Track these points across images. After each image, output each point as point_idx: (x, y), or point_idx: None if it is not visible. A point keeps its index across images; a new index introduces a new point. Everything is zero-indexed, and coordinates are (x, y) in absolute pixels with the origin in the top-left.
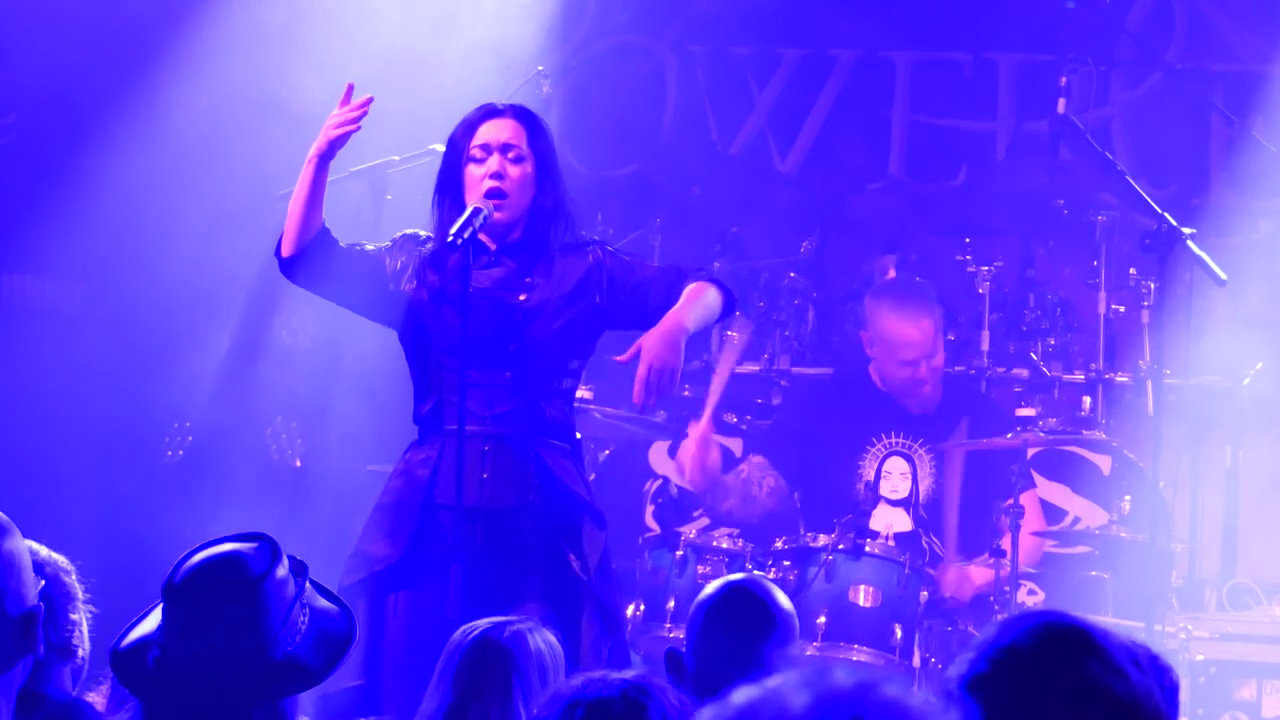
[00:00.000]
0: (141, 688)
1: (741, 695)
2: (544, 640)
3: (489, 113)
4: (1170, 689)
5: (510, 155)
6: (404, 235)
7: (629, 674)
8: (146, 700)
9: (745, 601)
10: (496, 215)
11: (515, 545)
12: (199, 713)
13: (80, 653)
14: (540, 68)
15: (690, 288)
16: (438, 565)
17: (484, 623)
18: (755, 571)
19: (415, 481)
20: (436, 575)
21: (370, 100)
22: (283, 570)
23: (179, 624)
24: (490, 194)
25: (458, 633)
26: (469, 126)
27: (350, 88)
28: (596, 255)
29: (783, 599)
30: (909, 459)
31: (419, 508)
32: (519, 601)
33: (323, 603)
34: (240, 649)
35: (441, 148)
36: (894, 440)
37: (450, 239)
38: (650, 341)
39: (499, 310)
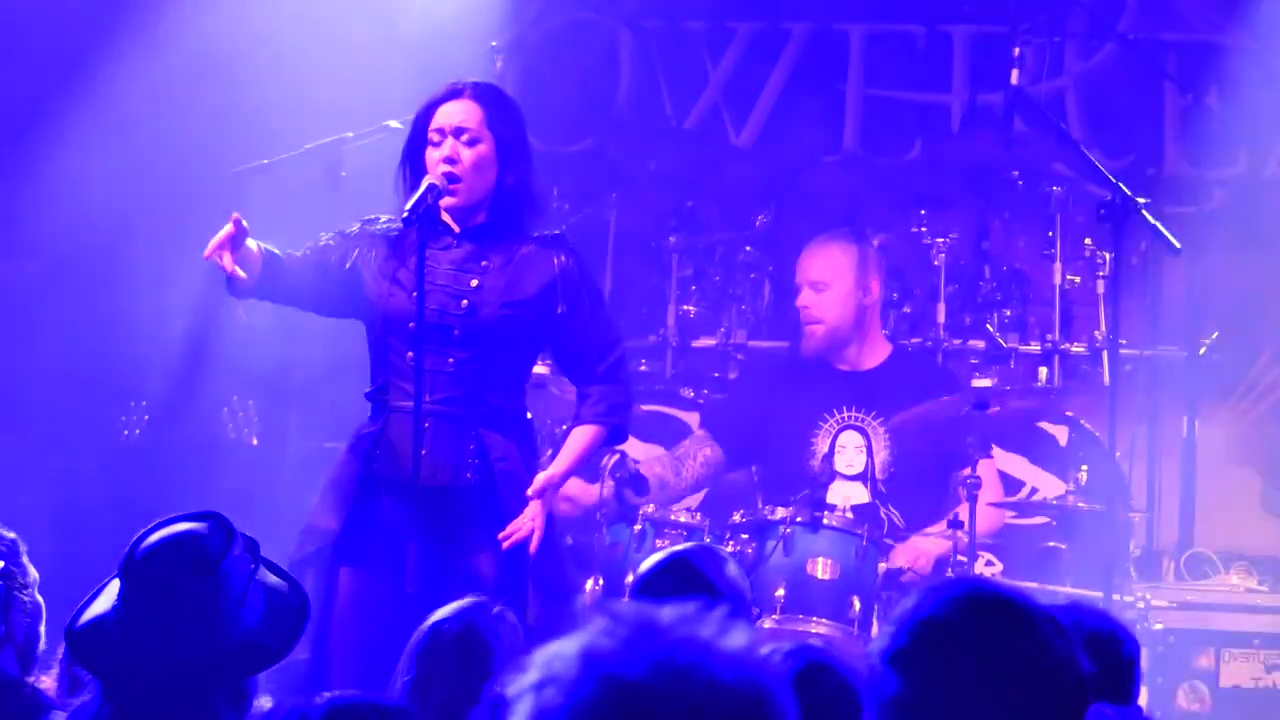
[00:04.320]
0: (100, 668)
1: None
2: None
3: (450, 94)
4: (1131, 660)
5: (464, 139)
6: (365, 220)
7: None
8: (106, 681)
9: (682, 573)
10: (449, 200)
11: (455, 524)
12: (160, 694)
13: (34, 632)
14: (494, 43)
15: (577, 433)
16: (379, 540)
17: (446, 612)
18: (713, 545)
19: (358, 457)
20: (379, 550)
21: (237, 223)
22: (238, 549)
23: (137, 605)
24: (445, 178)
25: (427, 622)
26: (429, 107)
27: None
28: (562, 262)
29: (729, 569)
30: (863, 432)
31: (359, 483)
32: (463, 580)
33: (274, 579)
34: (199, 630)
35: (396, 124)
36: (847, 415)
37: (405, 215)
38: (532, 511)
39: (447, 295)
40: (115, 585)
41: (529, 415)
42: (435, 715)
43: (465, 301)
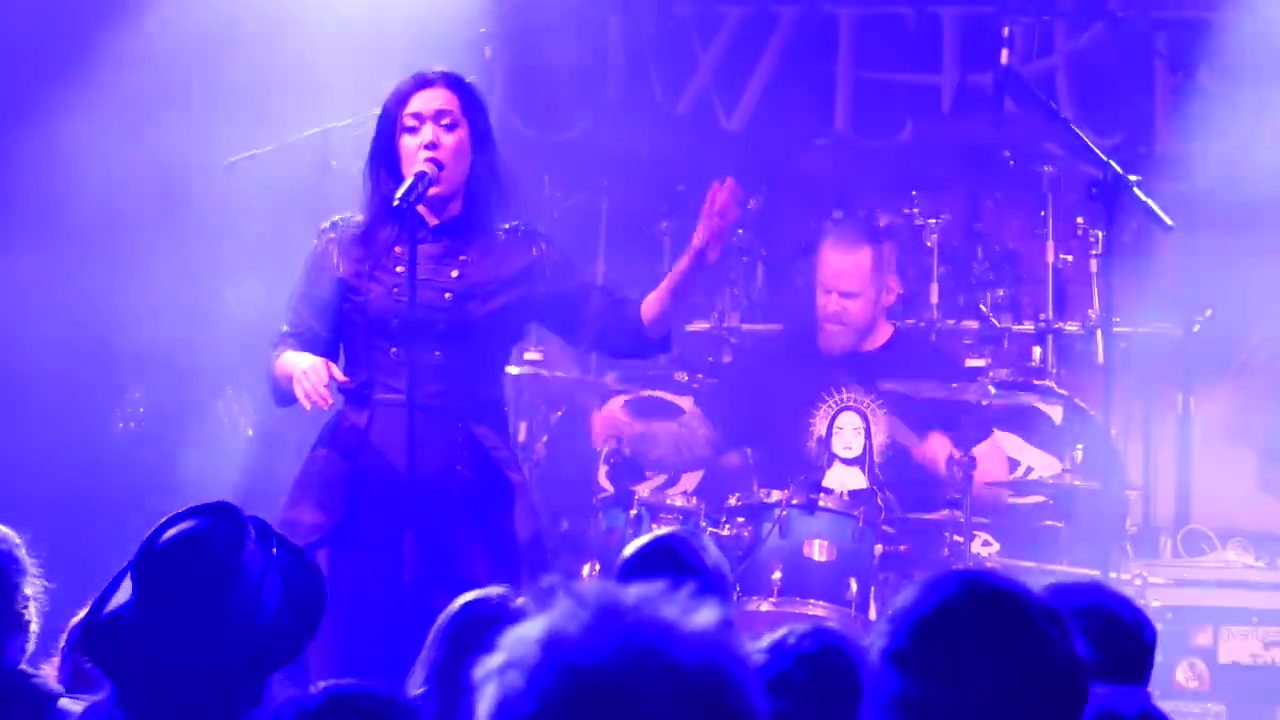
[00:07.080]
0: (115, 667)
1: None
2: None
3: (421, 82)
4: (1148, 645)
5: (444, 123)
6: (329, 224)
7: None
8: (120, 680)
9: (663, 557)
10: (432, 189)
11: (445, 516)
12: (177, 694)
13: (31, 626)
14: (483, 30)
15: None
16: (372, 533)
17: (469, 597)
18: (709, 529)
19: (344, 451)
20: (372, 542)
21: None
22: (251, 543)
23: (151, 604)
24: (430, 164)
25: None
26: (401, 96)
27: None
28: (541, 249)
29: (710, 553)
30: (862, 414)
31: (347, 476)
32: (454, 572)
33: (290, 562)
34: (215, 628)
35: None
36: (845, 396)
37: (395, 204)
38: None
39: (430, 289)
40: (129, 582)
41: (506, 408)
42: (457, 696)
43: (448, 294)
